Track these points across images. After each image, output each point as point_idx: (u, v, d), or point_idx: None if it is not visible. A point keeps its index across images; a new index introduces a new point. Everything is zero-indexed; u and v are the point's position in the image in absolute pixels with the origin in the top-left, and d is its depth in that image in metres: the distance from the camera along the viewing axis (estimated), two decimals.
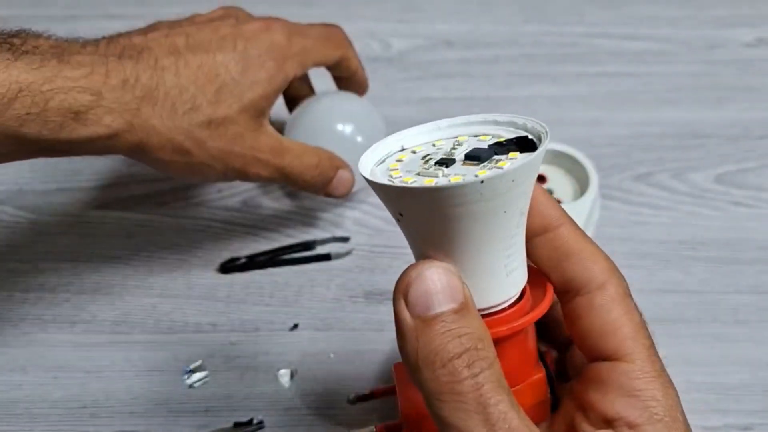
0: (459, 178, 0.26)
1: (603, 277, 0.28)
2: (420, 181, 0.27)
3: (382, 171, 0.28)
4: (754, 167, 0.60)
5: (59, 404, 0.48)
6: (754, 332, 0.51)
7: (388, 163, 0.29)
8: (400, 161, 0.29)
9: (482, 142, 0.29)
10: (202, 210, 0.58)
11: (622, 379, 0.27)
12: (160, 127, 0.42)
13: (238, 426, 0.47)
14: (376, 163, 0.29)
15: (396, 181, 0.27)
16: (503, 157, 0.27)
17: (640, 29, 0.70)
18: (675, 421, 0.27)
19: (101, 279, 0.54)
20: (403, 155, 0.29)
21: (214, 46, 0.44)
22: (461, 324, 0.24)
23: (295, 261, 0.55)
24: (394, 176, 0.28)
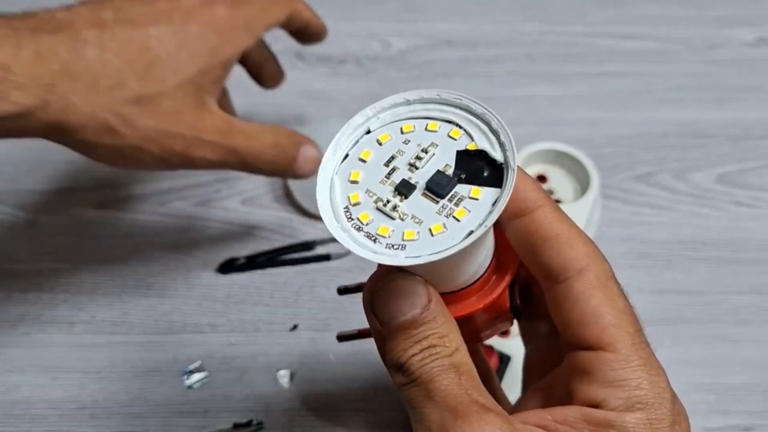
0: (412, 234, 0.25)
1: (581, 263, 0.27)
2: (377, 232, 0.25)
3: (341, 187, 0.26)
4: (755, 167, 0.60)
5: (58, 405, 0.48)
6: (756, 333, 0.51)
7: (350, 169, 0.26)
8: (362, 162, 0.27)
9: (452, 142, 0.26)
10: (201, 210, 0.58)
11: (606, 369, 0.26)
12: (81, 104, 0.37)
13: (238, 427, 0.46)
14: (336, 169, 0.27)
15: (355, 219, 0.25)
16: (465, 193, 0.25)
17: (641, 29, 0.70)
18: (660, 408, 0.26)
19: (100, 279, 0.54)
20: (366, 152, 0.27)
21: (148, 19, 0.40)
22: (422, 329, 0.25)
23: (295, 261, 0.54)
24: (352, 203, 0.26)
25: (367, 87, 0.65)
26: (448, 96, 0.27)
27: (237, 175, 0.60)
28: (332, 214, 0.26)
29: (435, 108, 0.27)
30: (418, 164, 0.26)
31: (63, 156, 0.60)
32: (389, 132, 0.27)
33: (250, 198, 0.59)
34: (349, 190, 0.26)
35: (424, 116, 0.27)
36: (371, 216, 0.25)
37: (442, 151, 0.26)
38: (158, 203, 0.58)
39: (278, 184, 0.59)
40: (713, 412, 0.47)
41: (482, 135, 0.26)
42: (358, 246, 0.25)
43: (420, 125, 0.27)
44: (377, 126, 0.27)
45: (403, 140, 0.27)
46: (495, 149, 0.26)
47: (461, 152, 0.26)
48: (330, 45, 0.68)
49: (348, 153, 0.27)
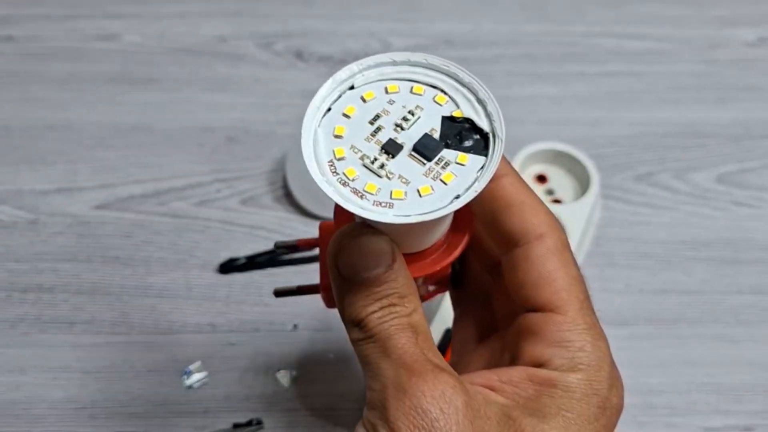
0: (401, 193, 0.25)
1: (542, 229, 0.28)
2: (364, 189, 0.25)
3: (326, 141, 0.26)
4: (755, 167, 0.60)
5: (58, 405, 0.48)
6: (756, 333, 0.51)
7: (334, 123, 0.26)
8: (346, 117, 0.26)
9: (437, 107, 0.26)
10: (201, 210, 0.58)
11: (553, 329, 0.27)
12: None
13: (238, 427, 0.46)
14: (319, 122, 0.26)
15: (340, 173, 0.25)
16: (452, 158, 0.25)
17: (642, 28, 0.70)
18: (600, 371, 0.27)
19: (100, 279, 0.54)
20: (351, 107, 0.26)
21: None
22: (384, 287, 0.26)
23: (294, 261, 0.54)
24: (337, 158, 0.25)
25: None
26: (435, 61, 0.27)
27: (237, 175, 0.60)
28: (317, 167, 0.25)
29: (421, 72, 0.27)
30: (404, 125, 0.26)
31: (63, 156, 0.60)
32: (374, 90, 0.27)
33: (250, 198, 0.59)
34: (334, 145, 0.26)
35: (410, 78, 0.27)
36: (357, 172, 0.25)
37: (428, 115, 0.26)
38: (158, 203, 0.58)
39: (278, 185, 0.59)
40: (713, 411, 0.47)
41: (468, 103, 0.27)
42: (344, 200, 0.25)
43: (405, 87, 0.27)
44: (362, 83, 0.27)
45: (388, 100, 0.27)
46: (481, 118, 0.26)
47: (446, 118, 0.26)
48: (330, 45, 0.68)
49: (331, 107, 0.26)
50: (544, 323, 0.28)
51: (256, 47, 0.68)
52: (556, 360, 0.27)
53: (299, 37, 0.68)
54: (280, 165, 0.60)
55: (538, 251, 0.28)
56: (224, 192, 0.59)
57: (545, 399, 0.26)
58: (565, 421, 0.26)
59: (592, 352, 0.27)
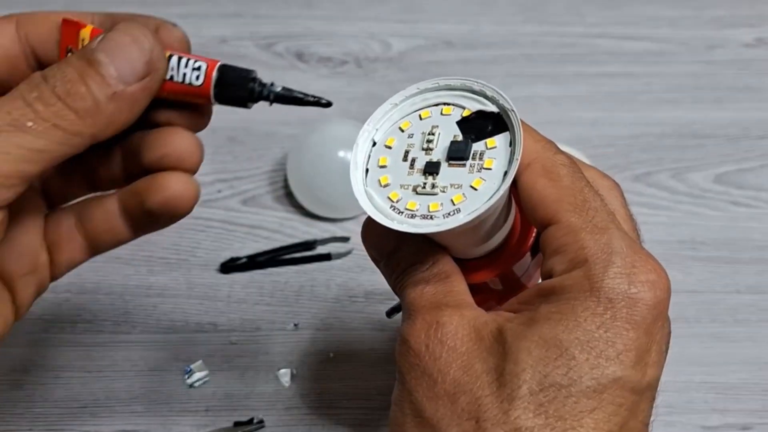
0: (460, 197, 0.27)
1: (529, 158, 0.28)
2: (429, 210, 0.27)
3: (379, 194, 0.28)
4: (753, 167, 0.60)
5: (60, 403, 0.48)
6: (754, 332, 0.51)
7: (377, 176, 0.28)
8: (384, 168, 0.29)
9: (447, 117, 0.29)
10: (202, 210, 0.58)
11: (551, 240, 0.27)
12: None
13: (239, 425, 0.47)
14: (363, 180, 0.29)
15: (403, 210, 0.27)
16: (482, 146, 0.28)
17: (640, 29, 0.70)
18: (607, 263, 0.26)
19: (102, 279, 0.54)
20: (383, 158, 0.29)
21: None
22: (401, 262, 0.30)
23: (295, 261, 0.55)
24: (394, 200, 0.28)
25: (367, 88, 0.66)
26: (427, 85, 0.30)
27: (238, 175, 0.60)
28: (384, 218, 0.28)
29: (419, 100, 0.30)
30: (430, 146, 0.28)
31: None
32: (392, 135, 0.29)
33: (251, 198, 0.59)
34: (386, 193, 0.28)
35: (415, 110, 0.30)
36: (417, 203, 0.27)
37: (445, 128, 0.29)
38: None
39: (279, 185, 0.59)
40: (712, 411, 0.48)
41: (471, 101, 0.29)
42: (415, 228, 0.27)
43: (414, 119, 0.29)
44: (380, 136, 0.30)
45: (407, 135, 0.29)
46: (487, 105, 0.28)
47: (460, 121, 0.28)
48: (330, 46, 0.68)
49: (368, 167, 0.29)
50: (545, 239, 0.28)
51: (257, 48, 0.68)
52: (557, 267, 0.27)
53: (300, 38, 0.68)
54: (281, 165, 0.60)
55: (525, 178, 0.28)
56: (225, 192, 0.59)
57: (542, 307, 0.26)
58: (550, 324, 0.25)
59: (593, 247, 0.26)
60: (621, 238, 0.27)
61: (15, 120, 0.26)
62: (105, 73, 0.27)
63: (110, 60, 0.27)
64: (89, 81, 0.27)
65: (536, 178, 0.28)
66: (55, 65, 0.27)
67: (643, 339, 0.26)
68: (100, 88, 0.27)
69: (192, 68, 0.30)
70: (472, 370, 0.26)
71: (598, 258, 0.26)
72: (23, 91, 0.27)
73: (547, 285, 0.27)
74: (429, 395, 0.26)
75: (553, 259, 0.27)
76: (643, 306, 0.26)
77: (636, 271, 0.26)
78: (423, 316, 0.28)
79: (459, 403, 0.25)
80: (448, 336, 0.27)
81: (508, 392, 0.25)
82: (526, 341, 0.25)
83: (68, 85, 0.27)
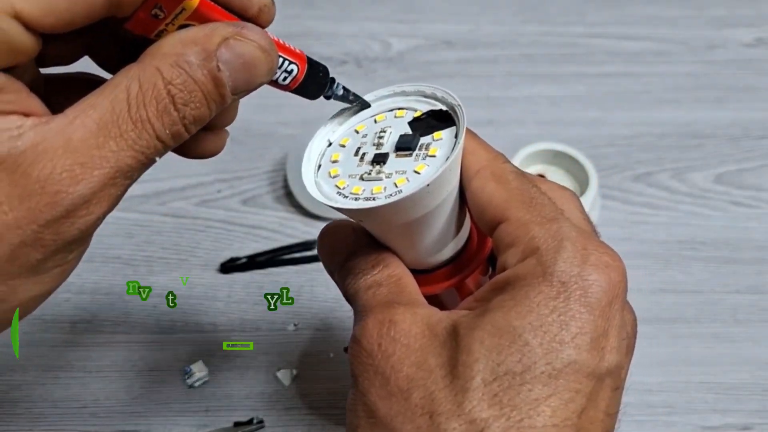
0: (403, 180, 0.27)
1: (479, 165, 0.29)
2: (373, 192, 0.28)
3: (327, 183, 0.29)
4: (753, 167, 0.60)
5: (60, 404, 0.48)
6: (754, 332, 0.51)
7: (328, 169, 0.30)
8: (335, 162, 0.30)
9: (400, 119, 0.30)
10: (202, 210, 0.58)
11: (503, 236, 0.27)
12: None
13: (238, 425, 0.47)
14: (315, 172, 0.30)
15: (348, 195, 0.28)
16: (429, 139, 0.29)
17: (640, 29, 0.70)
18: (558, 249, 0.26)
19: (101, 279, 0.54)
20: (336, 154, 0.30)
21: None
22: (352, 265, 0.30)
23: (295, 261, 0.55)
24: (341, 187, 0.28)
25: (367, 87, 0.65)
26: (383, 92, 0.31)
27: (238, 175, 0.60)
28: (327, 199, 0.28)
29: (376, 106, 0.32)
30: (381, 141, 0.30)
31: None
32: (347, 136, 0.31)
33: (251, 198, 0.59)
34: (335, 182, 0.29)
35: (370, 116, 0.31)
36: (362, 187, 0.28)
37: (396, 128, 0.30)
38: (159, 203, 0.58)
39: (279, 185, 0.59)
40: (712, 411, 0.48)
41: (423, 103, 0.30)
42: (357, 204, 0.27)
43: (369, 122, 0.31)
44: (336, 137, 0.31)
45: (362, 135, 0.31)
46: (436, 105, 0.30)
47: (411, 121, 0.30)
48: (330, 46, 0.68)
49: (320, 163, 0.30)
50: (497, 236, 0.28)
51: None
52: (510, 260, 0.27)
53: (299, 38, 0.68)
54: (280, 165, 0.60)
55: (476, 183, 0.28)
56: (225, 192, 0.59)
57: (496, 299, 0.26)
58: (503, 312, 0.25)
59: (543, 236, 0.26)
60: (570, 227, 0.27)
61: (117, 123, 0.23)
62: (225, 93, 0.25)
63: (232, 75, 0.25)
64: (210, 103, 0.25)
65: (485, 182, 0.28)
66: (177, 65, 0.24)
67: (599, 322, 0.25)
68: (213, 109, 0.25)
69: (284, 71, 0.29)
70: (425, 365, 0.25)
71: (549, 245, 0.26)
72: (140, 78, 0.24)
73: (501, 278, 0.27)
74: (382, 394, 0.26)
75: (506, 254, 0.27)
76: (597, 288, 0.25)
77: (588, 254, 0.26)
78: (375, 316, 0.27)
79: (412, 399, 0.25)
80: (401, 334, 0.26)
81: (462, 384, 0.24)
82: (479, 331, 0.25)
83: (187, 96, 0.24)
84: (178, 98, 0.24)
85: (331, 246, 0.32)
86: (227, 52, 0.25)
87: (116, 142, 0.23)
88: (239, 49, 0.25)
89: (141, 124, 0.24)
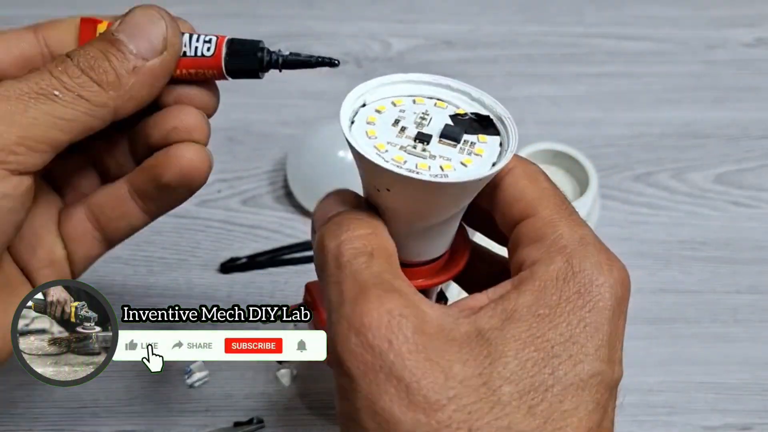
0: (449, 166, 0.27)
1: (512, 165, 0.29)
2: (417, 167, 0.27)
3: (365, 141, 0.28)
4: (753, 167, 0.60)
5: (59, 403, 0.48)
6: (754, 332, 0.51)
7: (364, 128, 0.28)
8: (371, 124, 0.28)
9: (441, 110, 0.30)
10: (202, 210, 0.58)
11: (529, 230, 0.28)
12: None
13: (239, 425, 0.47)
14: (349, 127, 0.28)
15: (390, 160, 0.27)
16: (474, 138, 0.28)
17: (640, 29, 0.70)
18: (584, 254, 0.26)
19: (101, 279, 0.54)
20: (372, 116, 0.29)
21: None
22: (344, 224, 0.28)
23: (295, 261, 0.55)
24: (381, 150, 0.27)
25: None
26: (427, 78, 0.30)
27: (238, 175, 0.60)
28: (376, 155, 0.27)
29: (416, 88, 0.30)
30: (423, 122, 0.29)
31: None
32: (384, 104, 0.30)
33: (251, 198, 0.59)
34: (373, 142, 0.28)
35: (409, 95, 0.30)
36: (404, 158, 0.27)
37: (437, 116, 0.29)
38: None
39: (279, 185, 0.59)
40: (712, 411, 0.48)
41: (466, 103, 0.30)
42: (407, 171, 0.26)
43: (408, 101, 0.30)
44: (371, 100, 0.30)
45: (399, 110, 0.29)
46: (482, 111, 0.30)
47: (453, 116, 0.29)
48: (330, 46, 0.68)
49: (353, 119, 0.29)
50: (522, 230, 0.28)
51: None
52: (534, 253, 0.27)
53: (300, 38, 0.68)
54: (280, 165, 0.60)
55: (508, 178, 0.29)
56: (225, 192, 0.59)
57: (522, 301, 0.25)
58: (537, 321, 0.25)
59: (571, 237, 0.27)
60: (593, 235, 0.28)
61: (42, 89, 0.28)
62: (125, 49, 0.29)
63: (129, 38, 0.29)
64: (111, 57, 0.29)
65: (518, 179, 0.29)
66: (79, 47, 0.30)
67: (612, 334, 0.26)
68: (121, 63, 0.29)
69: (204, 41, 0.31)
70: (452, 373, 0.24)
71: (576, 247, 0.26)
72: (49, 67, 0.29)
73: (524, 275, 0.26)
74: (400, 403, 0.24)
75: (529, 248, 0.27)
76: (615, 302, 0.26)
77: (611, 266, 0.27)
78: (379, 301, 0.25)
79: (446, 411, 0.23)
80: (415, 332, 0.24)
81: (499, 396, 0.24)
82: (513, 342, 0.25)
83: (91, 60, 0.29)
84: (82, 64, 0.29)
85: (326, 206, 0.30)
86: (121, 24, 0.30)
87: None
88: (130, 18, 0.30)
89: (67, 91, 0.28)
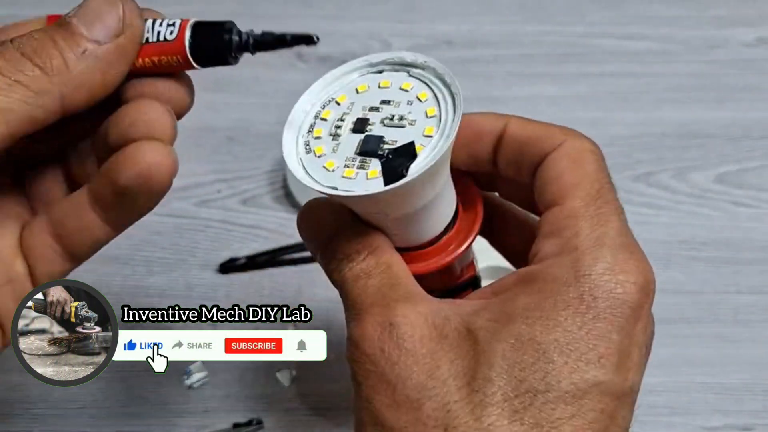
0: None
1: (558, 139, 0.27)
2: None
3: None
4: (754, 167, 0.60)
5: (58, 404, 0.48)
6: (755, 332, 0.51)
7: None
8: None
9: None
10: (202, 210, 0.58)
11: (552, 220, 0.26)
12: None
13: (238, 426, 0.46)
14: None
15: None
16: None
17: (641, 29, 0.70)
18: (597, 255, 0.24)
19: (99, 279, 0.54)
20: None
21: None
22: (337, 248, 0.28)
23: (295, 261, 0.55)
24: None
25: None
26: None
27: (238, 175, 0.60)
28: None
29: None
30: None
31: None
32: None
33: (250, 198, 0.59)
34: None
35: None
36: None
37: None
38: (159, 203, 0.58)
39: (279, 185, 0.59)
40: (713, 411, 0.48)
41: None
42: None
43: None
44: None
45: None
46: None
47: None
48: (330, 45, 0.68)
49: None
50: (545, 218, 0.26)
51: None
52: (546, 248, 0.25)
53: None
54: (280, 165, 0.60)
55: (554, 154, 0.27)
56: (224, 192, 0.59)
57: (520, 300, 0.24)
58: (528, 323, 0.24)
59: (587, 236, 0.25)
60: (618, 233, 0.26)
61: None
62: (75, 31, 0.26)
63: (82, 21, 0.26)
64: (58, 39, 0.25)
65: (561, 158, 0.27)
66: (26, 33, 0.26)
67: (625, 342, 0.24)
68: (69, 45, 0.25)
69: (167, 25, 0.28)
70: (437, 373, 0.24)
71: (588, 249, 0.25)
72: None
73: (528, 272, 0.25)
74: (388, 403, 0.24)
75: (544, 242, 0.26)
76: (628, 308, 0.24)
77: (626, 270, 0.25)
78: (373, 317, 0.25)
79: (424, 410, 0.23)
80: (404, 338, 0.24)
81: (481, 398, 0.23)
82: (501, 343, 0.23)
83: (35, 44, 0.25)
84: (24, 48, 0.25)
85: (311, 227, 0.29)
86: (76, 9, 0.26)
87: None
88: (87, 2, 0.26)
89: None
